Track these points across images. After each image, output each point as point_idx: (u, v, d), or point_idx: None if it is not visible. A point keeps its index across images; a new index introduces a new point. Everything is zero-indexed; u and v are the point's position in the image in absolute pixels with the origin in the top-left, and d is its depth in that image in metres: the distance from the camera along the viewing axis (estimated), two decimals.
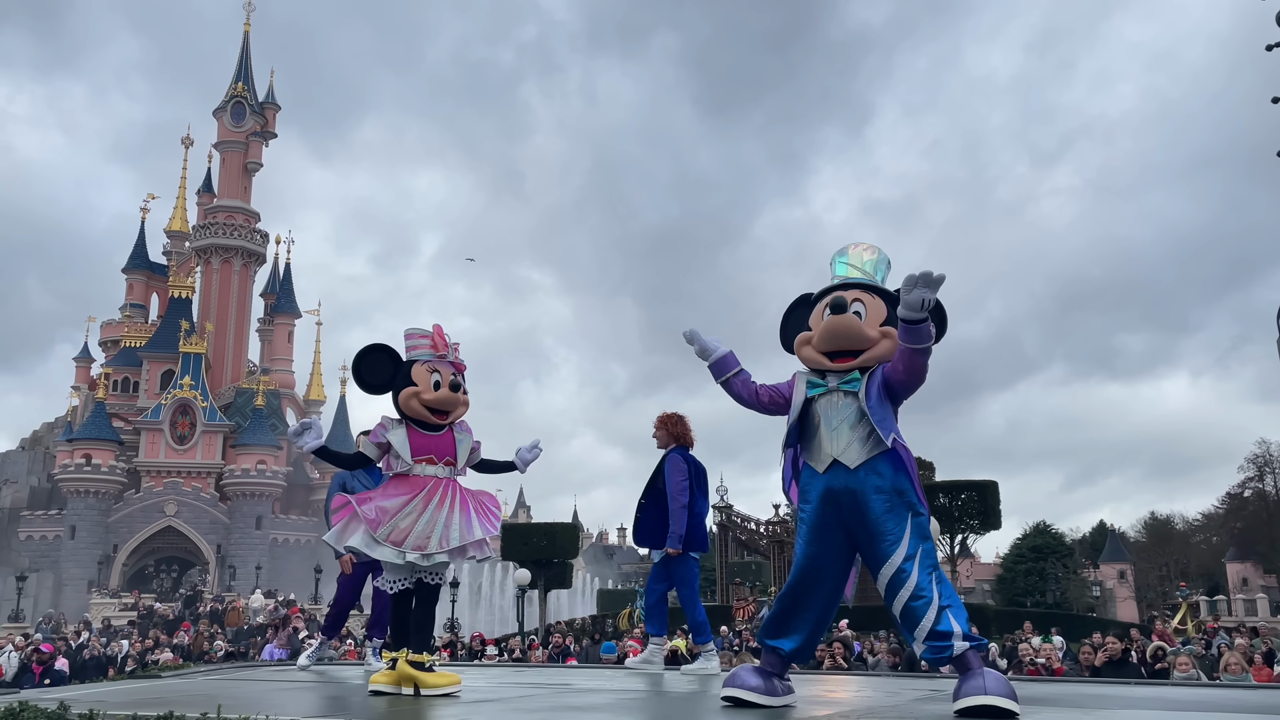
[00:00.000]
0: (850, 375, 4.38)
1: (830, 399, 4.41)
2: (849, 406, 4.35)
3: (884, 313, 4.43)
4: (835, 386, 4.40)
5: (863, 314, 4.40)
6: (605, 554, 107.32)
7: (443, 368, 5.41)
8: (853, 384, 4.36)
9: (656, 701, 5.18)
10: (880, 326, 4.39)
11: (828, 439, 4.38)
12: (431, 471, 5.35)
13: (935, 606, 4.11)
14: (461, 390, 5.43)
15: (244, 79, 77.20)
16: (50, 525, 65.18)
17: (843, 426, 4.35)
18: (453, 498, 5.37)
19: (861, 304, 4.42)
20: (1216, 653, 16.25)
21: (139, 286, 77.71)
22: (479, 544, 5.36)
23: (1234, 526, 68.38)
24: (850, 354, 4.37)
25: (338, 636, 10.08)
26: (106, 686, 6.69)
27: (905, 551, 4.18)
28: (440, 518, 5.27)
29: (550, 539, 37.01)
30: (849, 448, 4.32)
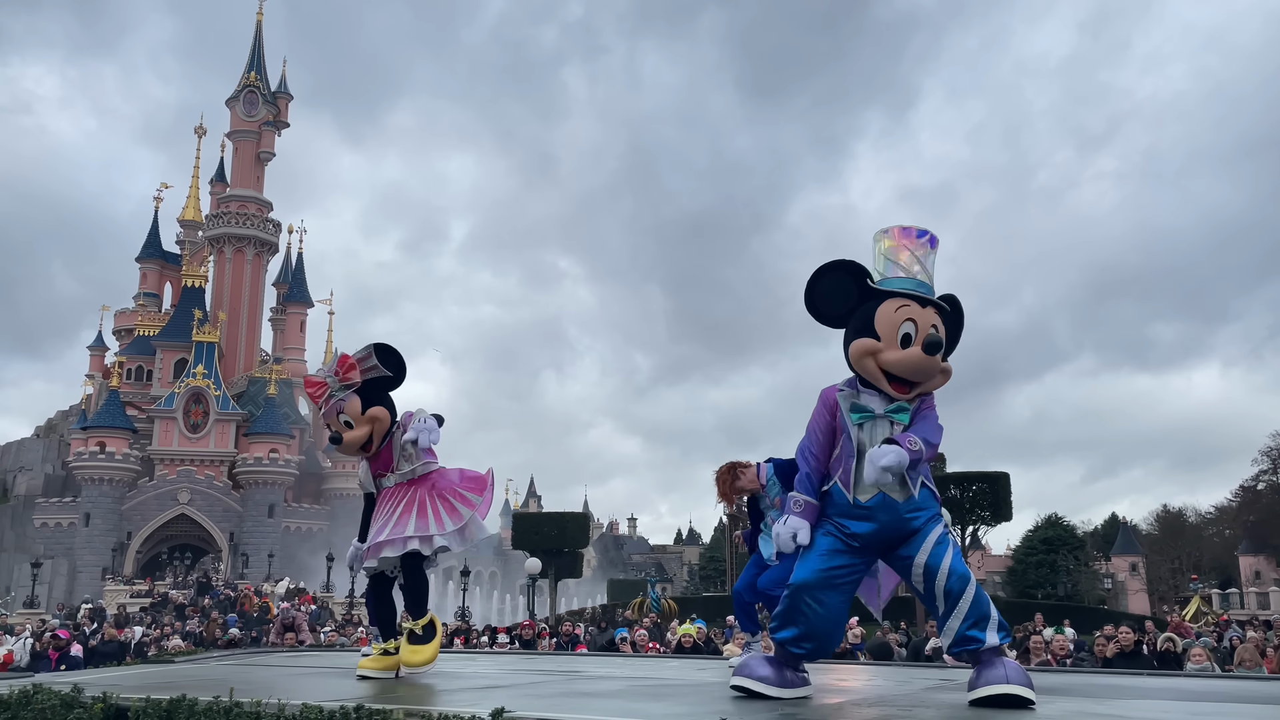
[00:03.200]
0: (900, 406, 4.20)
1: (876, 425, 4.22)
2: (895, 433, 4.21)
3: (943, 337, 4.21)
4: (883, 414, 4.21)
5: (940, 345, 4.11)
6: (616, 544, 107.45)
7: (330, 418, 5.50)
8: (902, 415, 4.20)
9: (668, 689, 5.18)
10: (944, 360, 4.25)
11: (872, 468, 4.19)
12: (386, 484, 5.63)
13: (971, 591, 4.05)
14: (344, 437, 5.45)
15: (257, 68, 77.31)
16: (65, 512, 65.67)
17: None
18: (399, 502, 5.51)
19: (938, 333, 4.09)
20: (1229, 645, 16.19)
21: (153, 275, 78.10)
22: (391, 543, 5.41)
23: (1247, 519, 68.00)
24: (907, 384, 4.18)
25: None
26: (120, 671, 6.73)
27: (938, 538, 4.15)
28: (381, 520, 5.52)
29: (561, 529, 37.14)
30: (899, 484, 4.17)
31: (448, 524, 5.43)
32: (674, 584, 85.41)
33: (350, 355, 5.47)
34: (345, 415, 5.41)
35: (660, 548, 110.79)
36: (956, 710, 4.05)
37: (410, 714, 3.36)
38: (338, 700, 3.49)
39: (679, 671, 6.54)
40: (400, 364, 5.52)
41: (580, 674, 6.22)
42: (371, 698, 4.09)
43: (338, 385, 5.42)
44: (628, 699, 4.71)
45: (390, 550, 5.41)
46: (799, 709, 3.98)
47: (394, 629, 5.78)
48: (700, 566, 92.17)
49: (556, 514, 40.78)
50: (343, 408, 5.40)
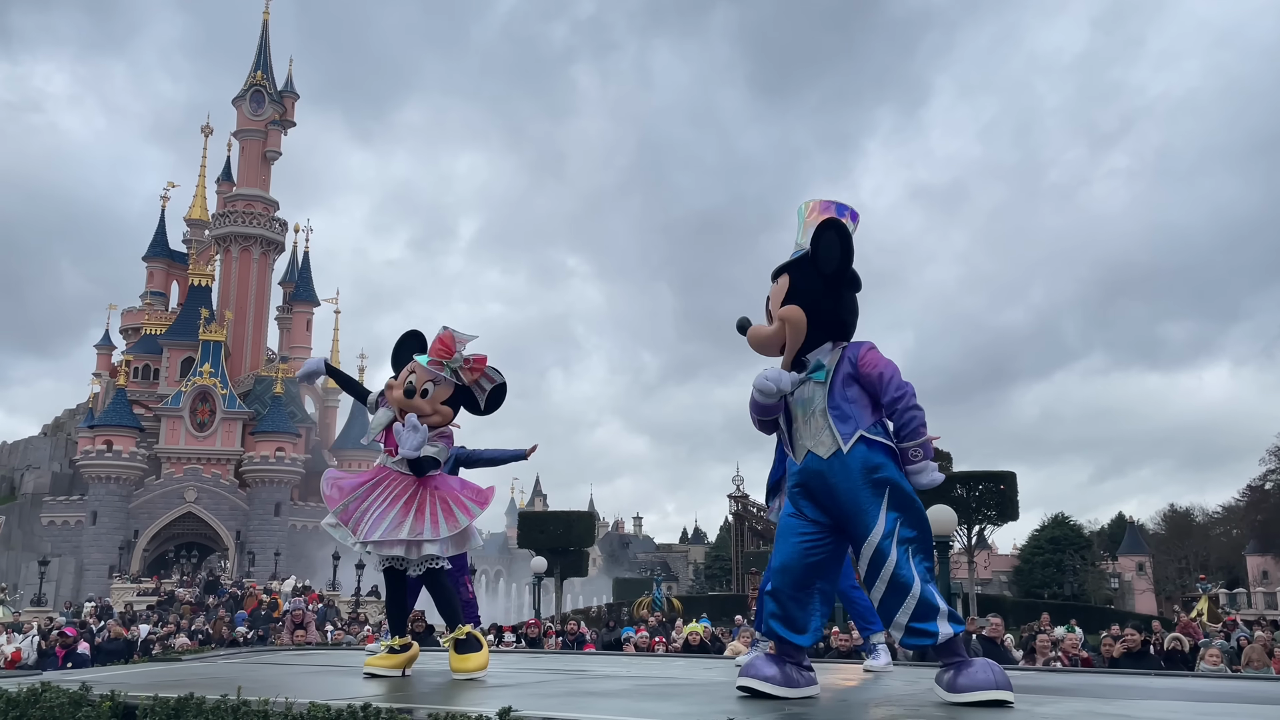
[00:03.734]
0: (815, 364, 4.28)
1: (804, 389, 4.32)
2: (818, 395, 4.27)
3: (784, 292, 4.34)
4: (805, 377, 4.30)
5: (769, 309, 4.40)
6: (621, 543, 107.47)
7: (421, 371, 5.38)
8: (818, 374, 4.27)
9: (674, 689, 5.18)
10: (780, 308, 4.31)
11: (801, 428, 4.31)
12: (389, 462, 5.48)
13: (917, 586, 4.00)
14: (426, 398, 5.36)
15: (263, 67, 77.42)
16: (72, 511, 65.89)
17: (814, 415, 4.27)
18: (399, 493, 5.39)
19: (770, 297, 4.41)
20: (1236, 645, 16.14)
21: (159, 274, 78.31)
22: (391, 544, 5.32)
23: (1254, 519, 67.78)
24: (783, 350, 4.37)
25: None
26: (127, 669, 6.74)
27: (882, 529, 4.09)
28: (379, 508, 5.36)
29: (566, 528, 37.17)
30: (819, 435, 4.23)
31: (443, 529, 5.36)
32: (679, 583, 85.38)
33: (486, 361, 5.47)
34: (431, 386, 5.37)
35: (666, 547, 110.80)
36: (961, 711, 4.04)
37: (417, 713, 3.36)
38: (345, 699, 3.50)
39: (685, 671, 6.54)
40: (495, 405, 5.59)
41: (586, 673, 6.22)
42: (379, 696, 4.09)
43: (456, 365, 5.40)
44: (634, 698, 4.71)
45: (377, 548, 5.39)
46: (804, 708, 3.98)
47: (405, 627, 5.79)
48: (706, 565, 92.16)
49: (562, 513, 40.80)
50: (439, 382, 5.38)
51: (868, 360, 4.24)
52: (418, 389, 5.35)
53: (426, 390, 5.37)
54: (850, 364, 4.25)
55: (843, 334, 4.36)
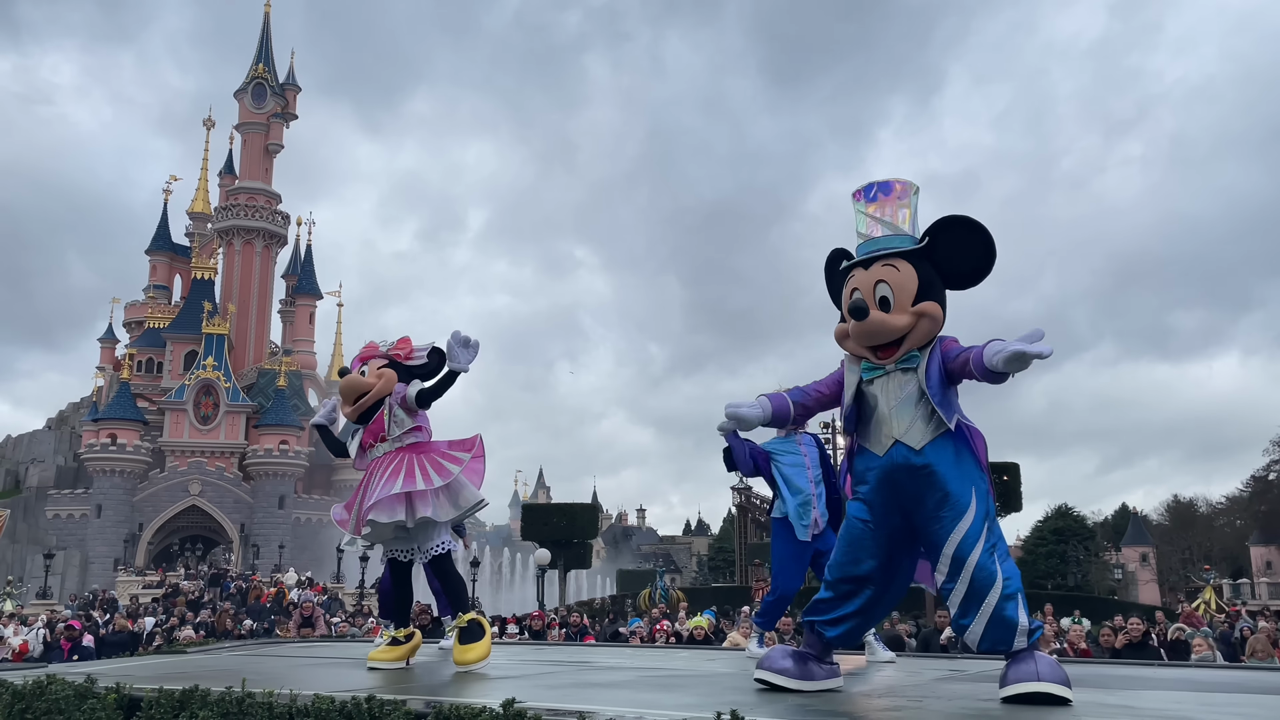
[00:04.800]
0: (908, 355, 4.11)
1: (888, 379, 4.15)
2: (909, 384, 4.11)
3: (914, 284, 4.08)
4: (893, 367, 4.14)
5: (890, 299, 4.07)
6: (624, 535, 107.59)
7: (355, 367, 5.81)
8: (911, 361, 4.11)
9: (677, 680, 5.19)
10: (913, 307, 4.06)
11: (888, 419, 4.13)
12: (374, 454, 5.68)
13: (999, 592, 3.89)
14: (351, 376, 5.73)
15: (265, 60, 77.29)
16: (77, 504, 66.01)
17: (904, 405, 4.10)
18: (387, 467, 5.52)
19: (888, 286, 4.07)
20: (1240, 636, 16.14)
21: (162, 268, 78.29)
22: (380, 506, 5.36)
23: (1258, 510, 67.74)
24: (891, 344, 4.12)
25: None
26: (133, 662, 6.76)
27: (970, 526, 3.97)
28: (370, 494, 5.50)
29: (570, 519, 37.18)
30: (912, 427, 4.08)
31: (435, 479, 5.38)
32: (683, 575, 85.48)
33: (411, 341, 5.87)
34: (365, 366, 5.76)
35: (669, 538, 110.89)
36: (966, 701, 4.05)
37: (422, 705, 3.37)
38: (349, 691, 3.50)
39: (689, 662, 6.56)
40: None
41: (590, 664, 6.23)
42: (383, 688, 4.10)
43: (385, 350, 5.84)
44: (637, 689, 4.72)
45: (378, 513, 5.35)
46: (810, 700, 3.98)
47: (407, 618, 5.80)
48: (709, 557, 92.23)
49: (565, 505, 40.78)
50: (369, 362, 5.82)
51: (950, 345, 4.15)
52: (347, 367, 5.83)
53: (363, 371, 5.76)
54: (940, 351, 4.13)
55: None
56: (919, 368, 4.09)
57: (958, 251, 4.15)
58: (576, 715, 3.16)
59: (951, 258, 4.15)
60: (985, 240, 4.14)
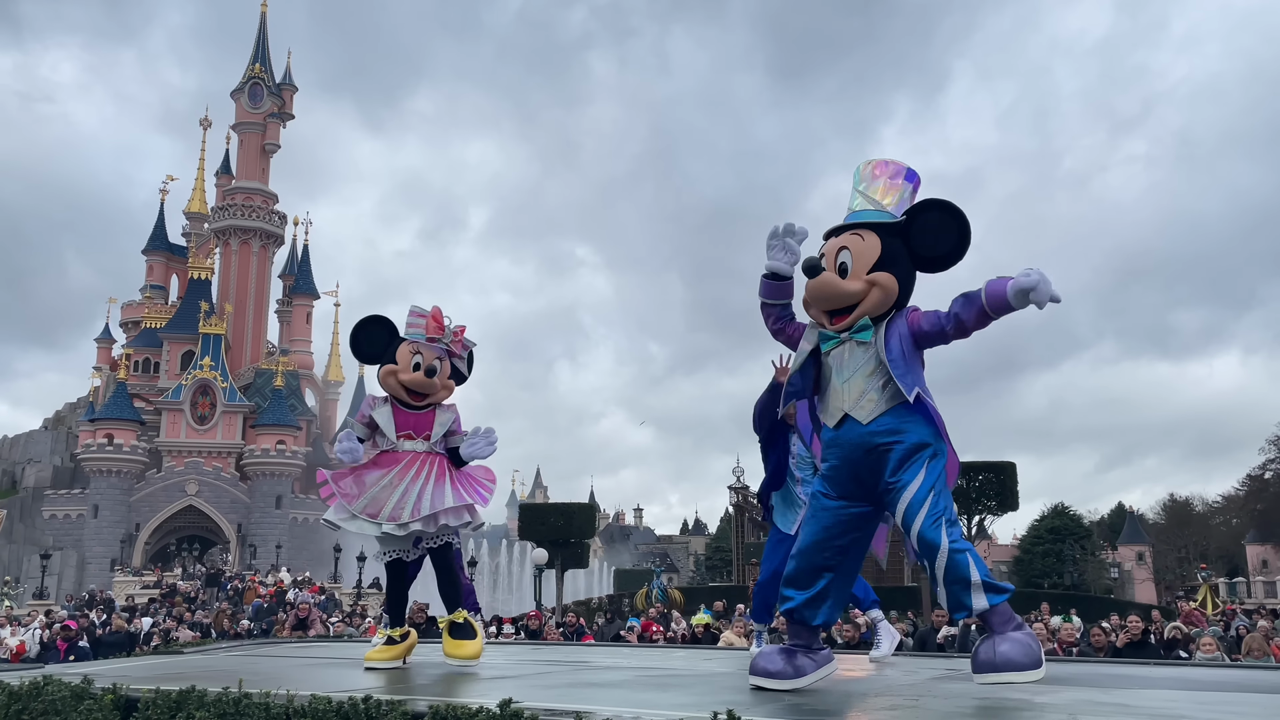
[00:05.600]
0: (861, 324, 4.13)
1: (842, 350, 4.18)
2: (862, 356, 4.12)
3: (875, 254, 4.12)
4: (848, 337, 4.16)
5: (849, 264, 4.11)
6: (622, 534, 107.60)
7: (427, 350, 5.49)
8: (864, 334, 4.13)
9: (675, 679, 5.19)
10: (868, 274, 4.09)
11: (840, 391, 4.16)
12: (411, 447, 5.50)
13: (945, 556, 3.93)
14: (437, 375, 5.49)
15: (261, 60, 77.23)
16: (73, 504, 65.91)
17: (856, 378, 4.13)
18: (430, 470, 5.46)
19: (849, 253, 4.13)
20: (1236, 634, 16.17)
21: (159, 268, 78.25)
22: (454, 510, 5.37)
23: (1254, 508, 67.88)
24: (844, 311, 4.14)
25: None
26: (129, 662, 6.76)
27: (914, 495, 3.99)
28: (415, 488, 5.38)
29: (567, 519, 37.13)
30: (862, 400, 4.10)
31: (480, 499, 5.52)
32: (680, 574, 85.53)
33: (465, 331, 5.69)
34: (439, 366, 5.53)
35: (666, 538, 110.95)
36: (963, 700, 4.05)
37: (418, 705, 3.37)
38: (346, 691, 3.50)
39: (686, 661, 6.56)
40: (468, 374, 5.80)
41: (587, 664, 6.24)
42: (380, 689, 4.10)
43: (448, 341, 5.61)
44: (635, 689, 4.72)
45: (452, 518, 5.37)
46: (806, 699, 3.99)
47: (404, 617, 5.81)
48: (706, 556, 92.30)
49: (563, 504, 40.73)
50: (443, 358, 5.56)
51: (917, 317, 4.15)
52: (431, 366, 5.48)
53: (435, 369, 5.49)
54: (905, 321, 4.14)
55: (900, 309, 4.24)
56: (875, 339, 4.11)
57: (933, 233, 4.18)
58: (573, 715, 3.16)
59: (925, 239, 4.18)
60: (960, 224, 4.17)
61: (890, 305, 4.15)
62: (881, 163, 4.41)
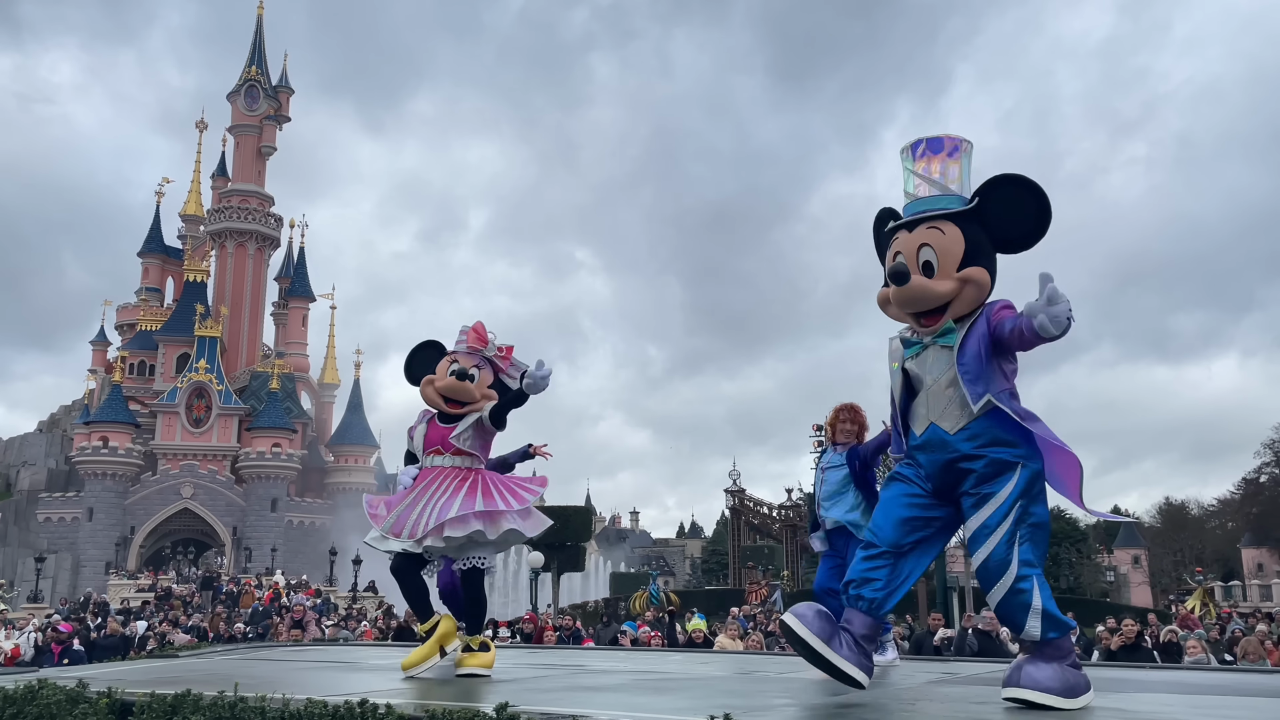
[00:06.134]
0: (945, 328, 3.89)
1: (925, 355, 3.95)
2: (946, 361, 3.88)
3: (960, 248, 3.83)
4: (931, 341, 3.94)
5: (934, 264, 3.82)
6: (618, 537, 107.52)
7: (465, 357, 5.47)
8: (949, 337, 3.89)
9: (671, 683, 5.19)
10: (958, 272, 3.81)
11: (924, 399, 3.95)
12: (439, 462, 5.44)
13: (1012, 578, 3.70)
14: (475, 382, 5.40)
15: (258, 62, 77.18)
16: (68, 507, 65.73)
17: (939, 385, 3.90)
18: (452, 482, 5.36)
19: (932, 250, 3.84)
20: (1231, 638, 16.18)
21: (154, 270, 78.10)
22: (458, 521, 5.22)
23: (1250, 512, 67.96)
24: (936, 312, 3.87)
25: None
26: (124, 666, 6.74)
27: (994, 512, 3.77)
28: (431, 503, 5.31)
29: (563, 522, 37.07)
30: (947, 409, 3.88)
31: (514, 504, 5.34)
32: (676, 577, 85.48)
33: (513, 351, 5.64)
34: (476, 371, 5.44)
35: (663, 541, 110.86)
36: (959, 704, 4.06)
37: (414, 709, 3.36)
38: (342, 695, 3.50)
39: (682, 665, 6.55)
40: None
41: (584, 668, 6.23)
42: (376, 692, 4.09)
43: (491, 354, 5.57)
44: (632, 693, 4.72)
45: (454, 529, 5.23)
46: (804, 705, 3.99)
47: (429, 609, 5.72)
48: (703, 560, 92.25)
49: (558, 507, 40.69)
50: (483, 366, 5.50)
51: (999, 313, 3.87)
52: (467, 372, 5.40)
53: (474, 375, 5.42)
54: (986, 321, 3.86)
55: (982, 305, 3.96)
56: (955, 343, 3.86)
57: (1009, 213, 3.91)
58: (570, 718, 3.16)
59: (1002, 220, 3.92)
60: (1040, 200, 3.91)
61: (985, 299, 3.90)
62: (934, 140, 4.11)
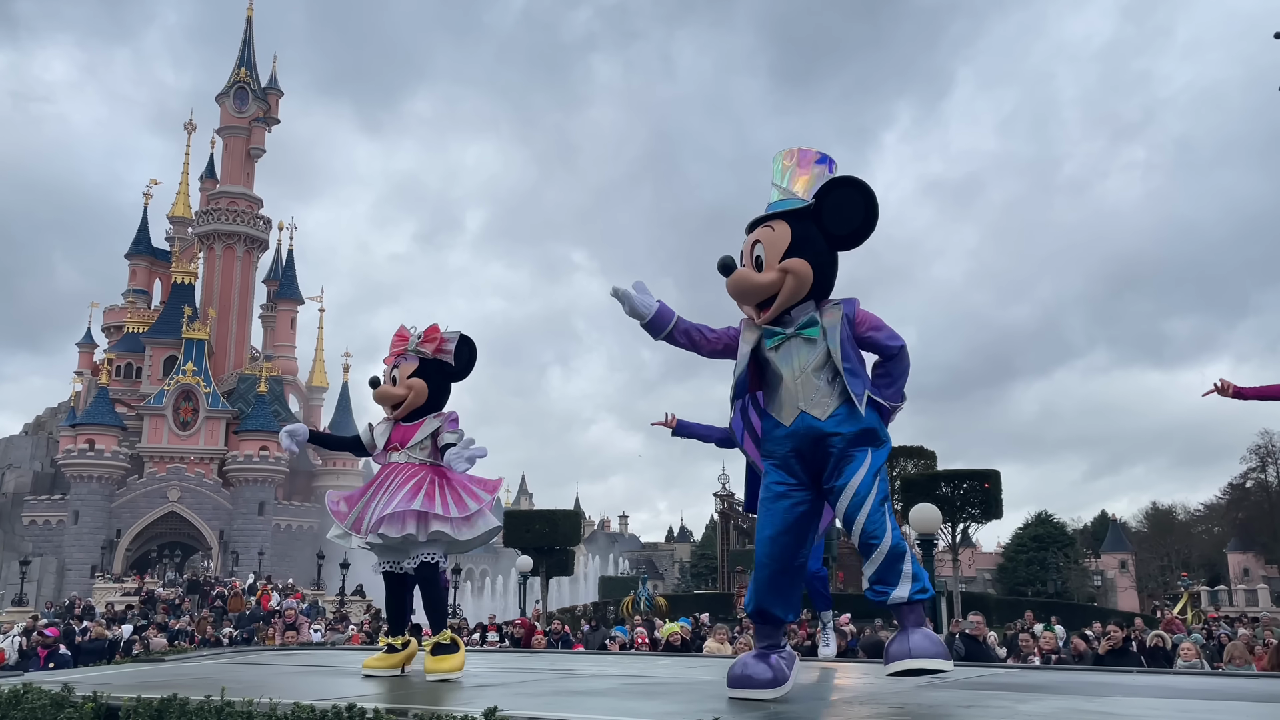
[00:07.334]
0: (806, 320, 4.15)
1: (789, 346, 4.17)
2: (810, 352, 4.13)
3: (785, 242, 4.13)
4: (793, 333, 4.17)
5: (762, 256, 4.14)
6: (607, 542, 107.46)
7: (387, 368, 5.69)
8: (810, 330, 4.14)
9: (660, 687, 5.19)
10: (780, 262, 4.10)
11: (793, 388, 4.16)
12: (395, 458, 5.59)
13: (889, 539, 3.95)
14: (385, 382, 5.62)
15: (247, 64, 76.98)
16: (54, 510, 65.35)
17: (807, 374, 4.13)
18: (401, 479, 5.45)
19: (761, 245, 4.17)
20: (1217, 643, 16.27)
21: (142, 272, 77.79)
22: (394, 518, 5.29)
23: (1235, 517, 68.38)
24: (766, 304, 4.16)
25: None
26: (110, 670, 6.70)
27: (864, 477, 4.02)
28: (380, 499, 5.42)
29: (552, 526, 37.06)
30: (816, 397, 4.11)
31: (453, 510, 5.40)
32: (665, 582, 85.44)
33: (439, 330, 5.71)
34: (396, 372, 5.63)
35: (652, 545, 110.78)
36: (946, 708, 4.07)
37: (403, 713, 3.36)
38: (329, 699, 3.49)
39: (671, 670, 6.55)
40: (470, 362, 5.76)
41: (573, 672, 6.22)
42: (364, 697, 4.08)
43: (414, 347, 5.68)
44: (620, 697, 4.72)
45: (389, 527, 5.30)
46: (790, 707, 3.99)
47: (404, 626, 5.79)
48: (691, 564, 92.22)
49: (547, 511, 40.63)
50: (400, 365, 5.66)
51: (864, 319, 4.19)
52: (384, 381, 5.62)
53: (394, 379, 5.62)
54: (849, 322, 4.16)
55: (826, 295, 4.27)
56: (824, 336, 4.13)
57: (841, 212, 4.19)
58: None
59: (835, 217, 4.19)
60: (865, 196, 4.19)
61: (806, 290, 4.15)
62: (794, 151, 4.46)
